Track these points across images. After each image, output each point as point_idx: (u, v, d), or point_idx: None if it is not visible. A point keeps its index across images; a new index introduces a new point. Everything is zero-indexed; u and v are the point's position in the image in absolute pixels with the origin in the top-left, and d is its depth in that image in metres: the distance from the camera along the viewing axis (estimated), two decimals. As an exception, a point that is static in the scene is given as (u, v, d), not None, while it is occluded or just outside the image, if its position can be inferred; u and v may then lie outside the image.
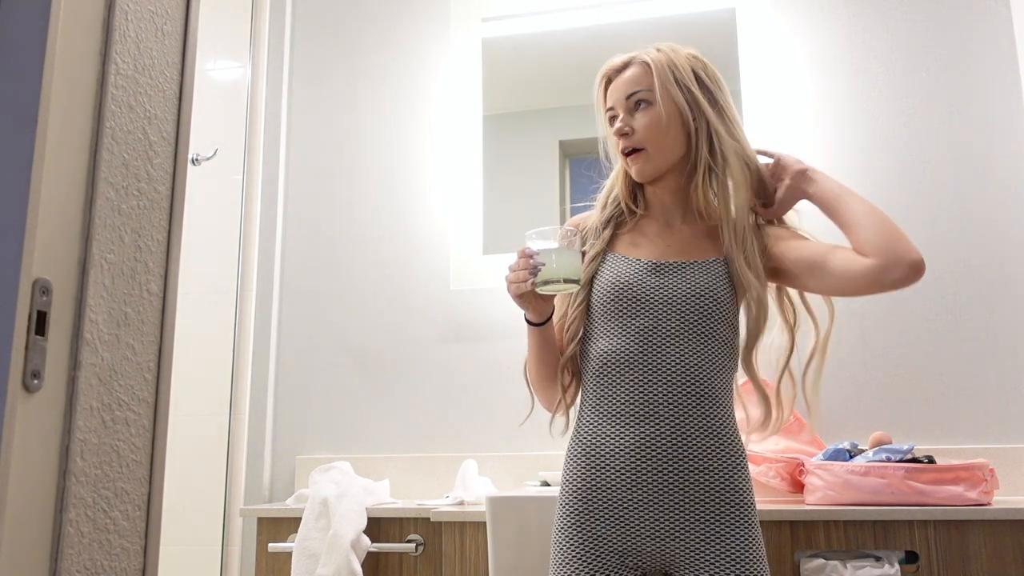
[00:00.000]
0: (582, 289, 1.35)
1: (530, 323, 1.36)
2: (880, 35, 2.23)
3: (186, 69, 0.95)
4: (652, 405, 1.27)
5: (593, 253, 1.39)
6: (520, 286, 1.28)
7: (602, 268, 1.38)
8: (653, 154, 1.37)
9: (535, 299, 1.31)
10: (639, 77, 1.38)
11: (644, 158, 1.37)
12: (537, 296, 1.30)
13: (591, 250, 1.40)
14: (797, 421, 1.97)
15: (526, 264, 1.27)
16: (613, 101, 1.41)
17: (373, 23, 2.55)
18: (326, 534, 1.85)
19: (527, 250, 1.28)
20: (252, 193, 2.47)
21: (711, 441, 1.27)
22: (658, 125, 1.36)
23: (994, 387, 2.01)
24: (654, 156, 1.37)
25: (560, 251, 1.27)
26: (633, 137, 1.37)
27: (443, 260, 2.35)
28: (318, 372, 2.38)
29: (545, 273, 1.25)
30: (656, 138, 1.36)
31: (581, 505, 1.28)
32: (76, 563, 0.75)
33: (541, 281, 1.26)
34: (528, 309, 1.33)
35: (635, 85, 1.38)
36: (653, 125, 1.36)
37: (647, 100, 1.37)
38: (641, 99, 1.37)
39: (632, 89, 1.38)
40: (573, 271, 1.27)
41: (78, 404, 0.75)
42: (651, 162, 1.37)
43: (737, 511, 1.25)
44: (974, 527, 1.55)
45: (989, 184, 2.11)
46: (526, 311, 1.34)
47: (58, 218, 0.74)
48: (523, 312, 1.35)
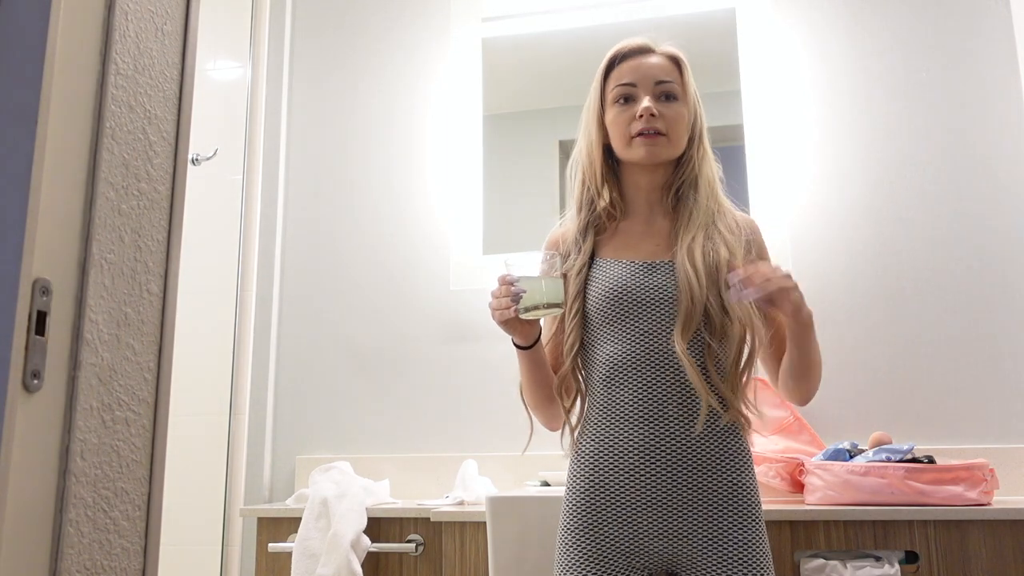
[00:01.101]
0: (576, 299, 1.35)
1: (518, 347, 1.35)
2: (880, 35, 2.23)
3: (186, 69, 0.95)
4: (660, 405, 1.27)
5: (580, 264, 1.38)
6: (504, 313, 1.28)
7: (593, 275, 1.37)
8: (670, 144, 1.37)
9: (520, 324, 1.31)
10: (670, 70, 1.39)
11: (663, 143, 1.36)
12: (522, 321, 1.30)
13: (577, 261, 1.38)
14: (797, 421, 1.97)
15: (507, 291, 1.28)
16: (637, 78, 1.38)
17: (373, 23, 2.55)
18: (326, 534, 1.85)
19: (508, 277, 1.29)
20: (252, 193, 2.47)
21: (717, 441, 1.26)
22: (682, 122, 1.37)
23: (994, 387, 2.01)
24: (670, 147, 1.37)
25: (539, 276, 1.29)
26: (660, 121, 1.35)
27: (443, 260, 2.35)
28: (318, 372, 2.38)
29: (528, 299, 1.27)
30: (678, 133, 1.37)
31: (588, 506, 1.28)
32: (76, 563, 0.75)
33: (524, 307, 1.27)
34: (514, 334, 1.33)
35: (666, 75, 1.38)
36: (679, 120, 1.37)
37: (675, 95, 1.37)
38: (670, 92, 1.37)
39: (664, 77, 1.38)
40: (555, 294, 1.29)
41: (78, 404, 0.75)
42: (666, 150, 1.37)
43: (743, 510, 1.25)
44: (974, 527, 1.55)
45: (989, 184, 2.10)
46: (513, 336, 1.34)
47: (58, 218, 0.74)
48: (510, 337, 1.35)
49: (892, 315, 2.09)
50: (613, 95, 1.39)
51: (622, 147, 1.38)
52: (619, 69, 1.40)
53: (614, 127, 1.39)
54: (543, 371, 1.38)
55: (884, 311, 2.09)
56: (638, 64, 1.39)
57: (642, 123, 1.35)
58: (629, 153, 1.38)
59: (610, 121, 1.40)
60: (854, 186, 2.18)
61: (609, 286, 1.33)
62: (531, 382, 1.38)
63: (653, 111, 1.34)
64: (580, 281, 1.37)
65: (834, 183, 2.19)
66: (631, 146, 1.37)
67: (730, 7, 2.30)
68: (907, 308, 2.09)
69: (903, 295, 2.10)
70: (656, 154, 1.36)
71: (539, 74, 2.41)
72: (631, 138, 1.36)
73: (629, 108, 1.37)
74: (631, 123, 1.36)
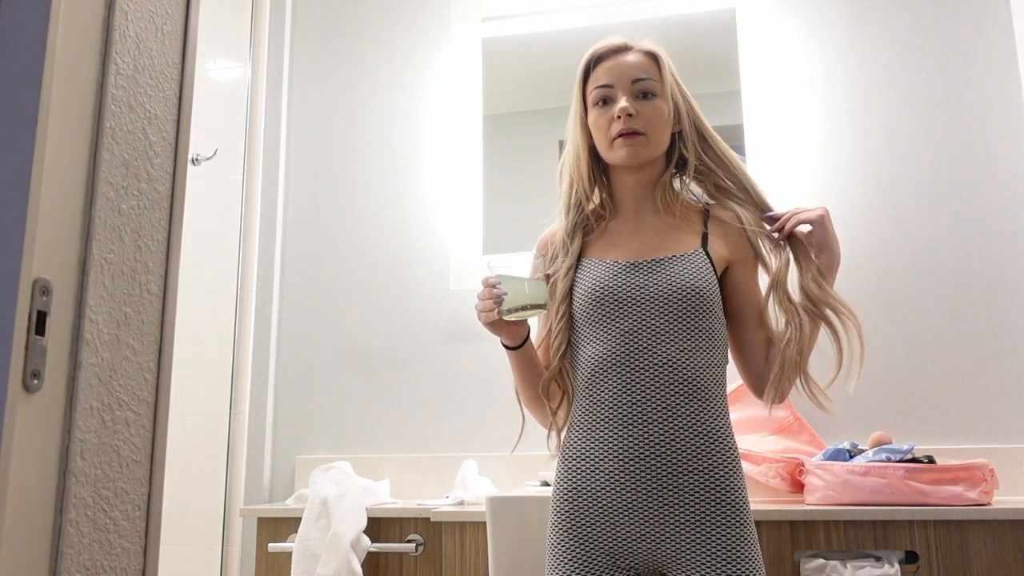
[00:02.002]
0: (563, 301, 1.36)
1: (507, 347, 1.37)
2: (880, 35, 2.23)
3: (186, 69, 0.95)
4: (639, 406, 1.26)
5: (567, 266, 1.38)
6: (488, 315, 1.30)
7: (580, 276, 1.37)
8: (651, 143, 1.36)
9: (506, 325, 1.32)
10: (647, 67, 1.38)
11: (643, 143, 1.36)
12: (507, 322, 1.32)
13: (565, 263, 1.39)
14: (797, 421, 1.97)
15: (490, 294, 1.30)
16: (613, 79, 1.38)
17: (373, 23, 2.55)
18: (326, 534, 1.85)
19: (490, 279, 1.31)
20: (252, 193, 2.47)
21: (702, 440, 1.25)
22: (661, 118, 1.37)
23: (994, 387, 2.01)
24: (650, 145, 1.37)
25: (520, 278, 1.30)
26: (637, 120, 1.35)
27: (443, 260, 2.35)
28: (318, 372, 2.38)
29: (510, 301, 1.29)
30: (657, 129, 1.37)
31: (571, 508, 1.28)
32: (76, 563, 0.75)
33: (507, 309, 1.29)
34: (501, 335, 1.35)
35: (643, 72, 1.37)
36: (657, 116, 1.36)
37: (653, 92, 1.37)
38: (648, 89, 1.37)
39: (640, 75, 1.37)
40: (537, 295, 1.30)
41: (78, 404, 0.75)
42: (646, 149, 1.36)
43: (730, 510, 1.24)
44: (974, 527, 1.55)
45: (989, 184, 2.10)
46: (500, 337, 1.35)
47: (58, 218, 0.74)
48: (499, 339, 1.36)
49: (892, 315, 2.09)
50: (592, 97, 1.39)
51: (605, 149, 1.39)
52: (597, 71, 1.40)
53: (596, 130, 1.39)
54: (534, 371, 1.39)
55: (884, 311, 2.09)
56: (614, 64, 1.39)
57: (620, 124, 1.35)
58: (611, 155, 1.38)
59: (592, 123, 1.40)
60: (854, 186, 2.18)
61: (591, 287, 1.33)
62: (523, 382, 1.40)
63: (630, 111, 1.34)
64: (567, 283, 1.37)
65: (834, 183, 2.18)
66: (613, 148, 1.37)
67: (730, 7, 2.30)
68: (907, 308, 2.09)
69: (903, 295, 2.10)
70: (636, 155, 1.36)
71: (539, 74, 2.41)
72: (612, 140, 1.36)
73: (608, 110, 1.37)
74: (611, 125, 1.36)
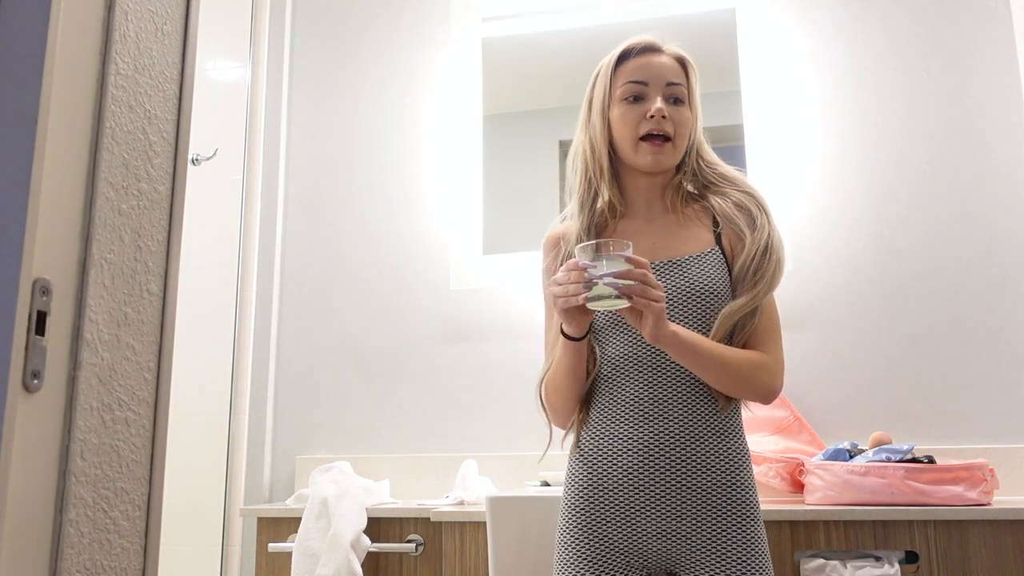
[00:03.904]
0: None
1: (569, 338, 1.28)
2: (880, 35, 2.23)
3: (186, 69, 0.95)
4: (662, 403, 1.26)
5: None
6: (570, 300, 1.19)
7: None
8: (676, 151, 1.36)
9: (580, 314, 1.23)
10: (679, 72, 1.37)
11: (669, 150, 1.34)
12: (583, 311, 1.22)
13: None
14: (797, 421, 1.97)
15: (579, 277, 1.18)
16: (648, 77, 1.35)
17: (373, 23, 2.55)
18: (326, 534, 1.85)
19: (580, 263, 1.20)
20: (252, 193, 2.47)
21: (720, 438, 1.26)
22: (687, 126, 1.36)
23: (994, 387, 2.01)
24: (675, 153, 1.36)
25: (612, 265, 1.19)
26: (669, 124, 1.33)
27: (443, 260, 2.35)
28: (318, 372, 2.38)
29: (599, 288, 1.18)
30: (682, 137, 1.36)
31: (586, 505, 1.28)
32: (76, 563, 0.75)
33: (594, 296, 1.18)
34: (571, 323, 1.24)
35: (676, 77, 1.36)
36: (684, 124, 1.36)
37: (682, 99, 1.36)
38: (679, 95, 1.36)
39: (673, 79, 1.36)
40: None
41: (78, 404, 0.75)
42: (671, 157, 1.36)
43: (744, 509, 1.25)
44: (974, 527, 1.55)
45: (989, 184, 2.10)
46: (568, 325, 1.25)
47: (58, 218, 0.74)
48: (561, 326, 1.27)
49: (892, 315, 2.09)
50: (622, 92, 1.36)
51: (628, 148, 1.35)
52: (626, 66, 1.37)
53: (622, 124, 1.35)
54: (583, 364, 1.31)
55: (884, 311, 2.09)
56: (648, 62, 1.36)
57: (652, 124, 1.32)
58: (634, 158, 1.35)
59: (616, 118, 1.36)
60: (854, 186, 2.18)
61: None
62: (570, 375, 1.31)
63: (665, 113, 1.32)
64: None
65: (834, 183, 2.18)
66: (637, 151, 1.34)
67: (730, 7, 2.30)
68: (907, 308, 2.09)
69: (903, 295, 2.10)
70: (660, 163, 1.35)
71: (539, 74, 2.41)
72: (638, 140, 1.34)
73: (639, 107, 1.34)
74: (640, 123, 1.33)
